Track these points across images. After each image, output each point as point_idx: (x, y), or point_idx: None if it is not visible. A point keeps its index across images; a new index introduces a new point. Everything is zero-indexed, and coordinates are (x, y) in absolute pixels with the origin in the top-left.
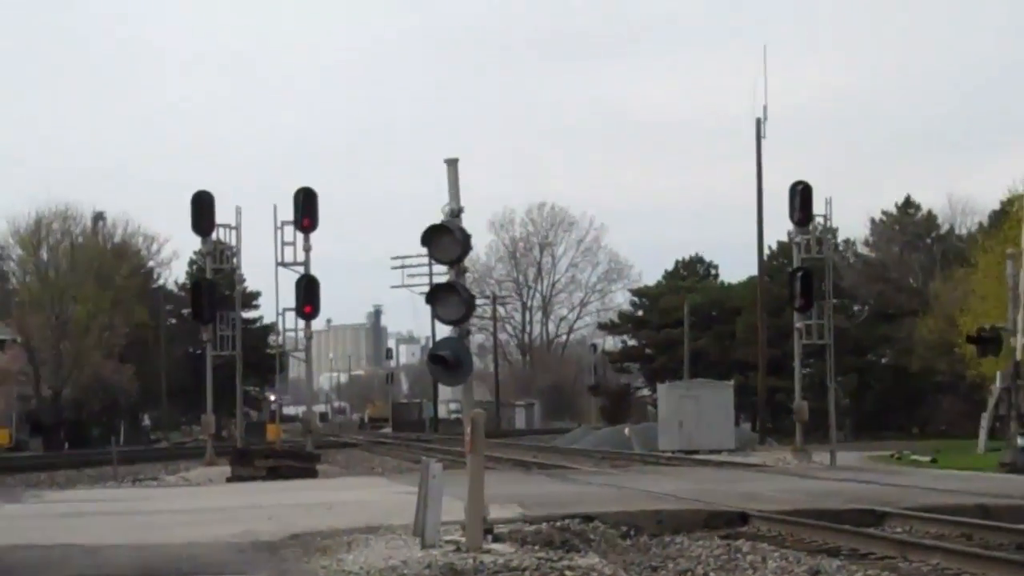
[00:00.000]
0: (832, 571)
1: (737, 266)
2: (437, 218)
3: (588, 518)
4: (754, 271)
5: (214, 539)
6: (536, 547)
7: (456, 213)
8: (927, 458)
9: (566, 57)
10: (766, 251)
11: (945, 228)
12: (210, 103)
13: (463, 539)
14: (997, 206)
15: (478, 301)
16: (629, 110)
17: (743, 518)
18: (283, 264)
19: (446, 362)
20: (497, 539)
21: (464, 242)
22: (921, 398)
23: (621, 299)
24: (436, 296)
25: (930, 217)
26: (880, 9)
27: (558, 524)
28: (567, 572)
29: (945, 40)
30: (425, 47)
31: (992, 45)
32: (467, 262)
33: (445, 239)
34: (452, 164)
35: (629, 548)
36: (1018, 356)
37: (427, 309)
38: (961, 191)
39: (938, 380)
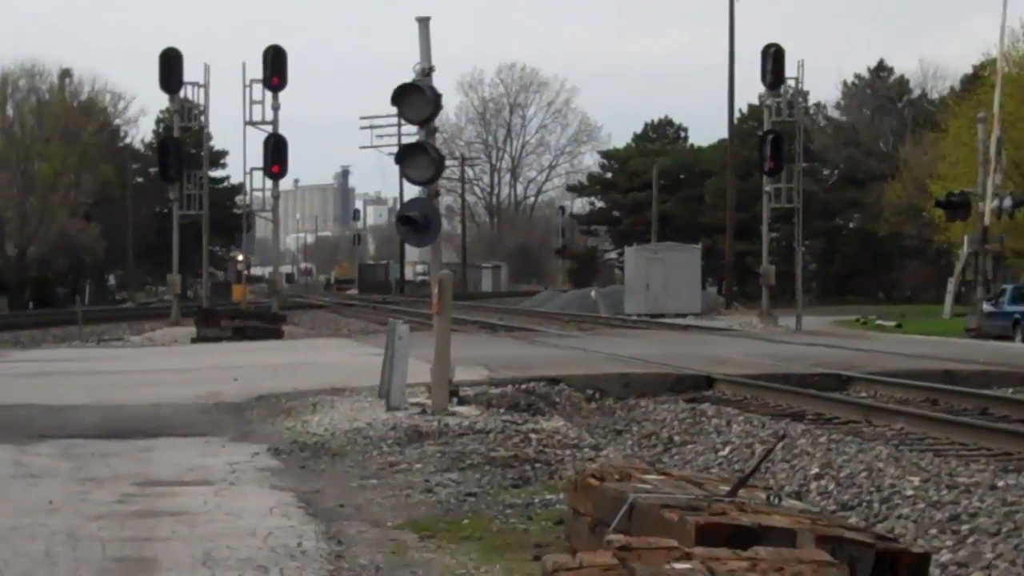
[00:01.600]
0: (797, 435)
1: (707, 129)
2: (407, 78)
3: (554, 381)
4: (724, 134)
5: (179, 400)
6: (501, 410)
7: (427, 72)
8: (893, 323)
9: None
10: (736, 114)
11: (917, 92)
12: None
13: (428, 401)
14: (969, 70)
15: (446, 162)
16: None
17: (708, 382)
18: (251, 123)
19: (415, 223)
20: (463, 401)
21: (435, 102)
22: (888, 263)
23: (590, 161)
24: (406, 156)
25: (902, 81)
26: None
27: (523, 387)
28: (532, 435)
29: None
30: None
31: None
32: (436, 123)
33: (416, 98)
34: (424, 22)
35: (594, 411)
36: (987, 221)
37: (395, 170)
38: (933, 55)
39: (905, 245)
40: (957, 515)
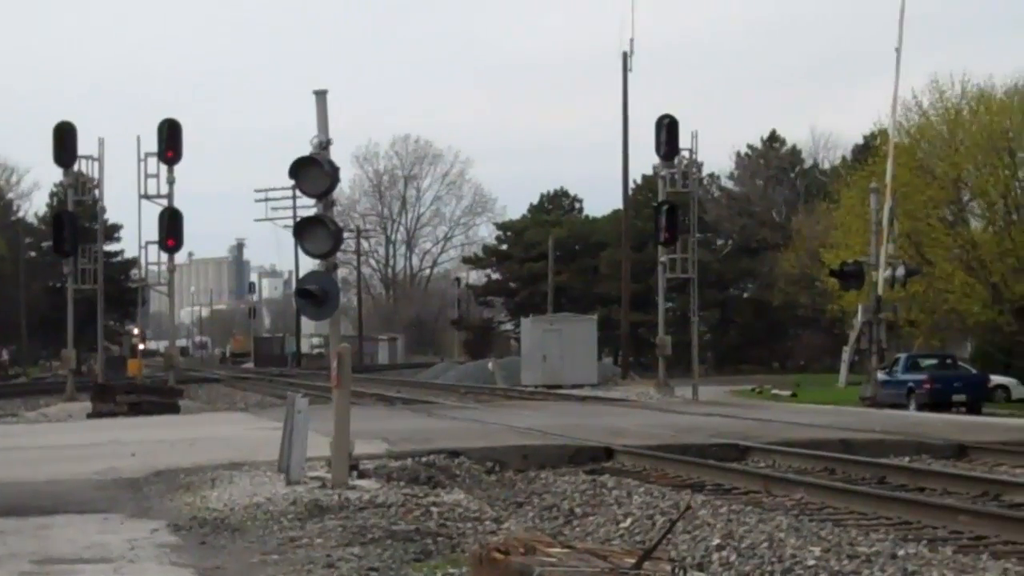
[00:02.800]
0: (697, 506)
1: (602, 200)
2: (303, 149)
3: (454, 453)
4: (619, 205)
5: (76, 476)
6: (402, 483)
7: (325, 145)
8: (788, 392)
9: None
10: (631, 185)
11: (809, 163)
12: (73, 32)
13: (328, 475)
14: (860, 140)
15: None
16: (496, 43)
17: (608, 453)
18: (146, 196)
19: (313, 296)
20: (363, 475)
21: (332, 175)
22: (782, 332)
23: (485, 232)
24: (303, 229)
25: (794, 151)
26: None
27: (423, 460)
28: (433, 508)
29: None
30: None
31: None
32: (332, 195)
33: (313, 171)
34: (321, 96)
35: (495, 484)
36: (880, 290)
37: (291, 242)
38: (824, 125)
39: (799, 314)
40: None
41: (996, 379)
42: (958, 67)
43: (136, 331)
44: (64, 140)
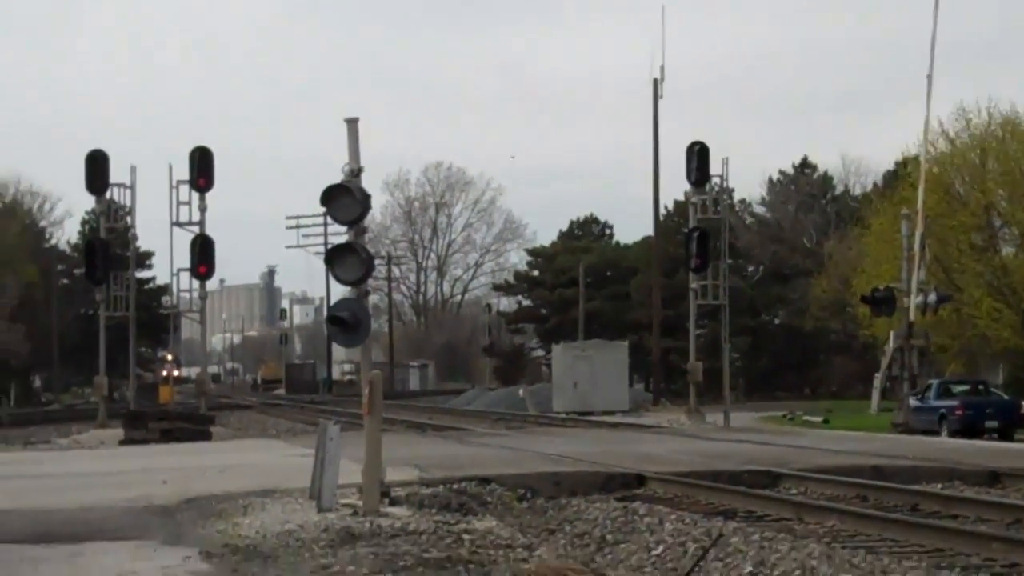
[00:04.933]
0: (729, 533)
1: (632, 227)
2: (334, 177)
3: (485, 480)
4: (649, 232)
5: (109, 503)
6: (433, 510)
7: (356, 173)
8: (820, 419)
9: (462, 14)
10: (662, 211)
11: (840, 189)
12: (106, 59)
13: (360, 502)
14: (890, 166)
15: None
16: (527, 69)
17: (639, 480)
18: (178, 224)
19: (345, 323)
20: (394, 502)
21: (364, 202)
22: (814, 358)
23: (516, 259)
24: (335, 257)
25: (826, 178)
26: None
27: (455, 487)
28: (464, 535)
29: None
30: (320, 7)
31: (890, 10)
32: (363, 222)
33: (345, 199)
34: (352, 124)
35: (526, 511)
36: (911, 316)
37: (322, 269)
38: (855, 152)
39: (831, 340)
40: None
41: None
42: (985, 93)
43: (170, 358)
44: (96, 168)
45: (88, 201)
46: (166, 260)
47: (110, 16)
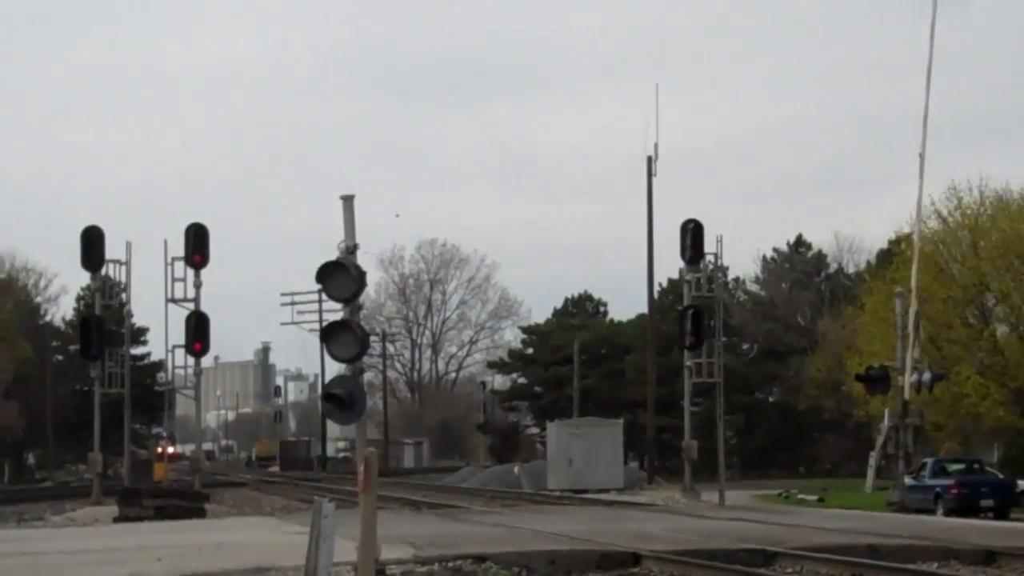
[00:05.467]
0: None
1: (627, 304)
2: (329, 253)
3: (480, 558)
4: (643, 309)
5: None
6: None
7: (352, 250)
8: (814, 497)
9: (454, 91)
10: (656, 288)
11: (834, 267)
12: (101, 137)
13: None
14: (883, 245)
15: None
16: (520, 146)
17: (635, 558)
18: (173, 300)
19: (340, 400)
20: None
21: (359, 279)
22: (808, 436)
23: (511, 336)
24: (331, 334)
25: (820, 256)
26: (774, 52)
27: (450, 565)
28: None
29: (833, 80)
30: (312, 83)
31: (880, 86)
32: (359, 299)
33: (340, 276)
34: (348, 201)
35: None
36: (906, 395)
37: (316, 346)
38: (849, 229)
39: (825, 418)
40: None
41: None
42: (977, 169)
43: (165, 434)
44: (92, 244)
45: (83, 277)
46: (161, 336)
47: (105, 93)
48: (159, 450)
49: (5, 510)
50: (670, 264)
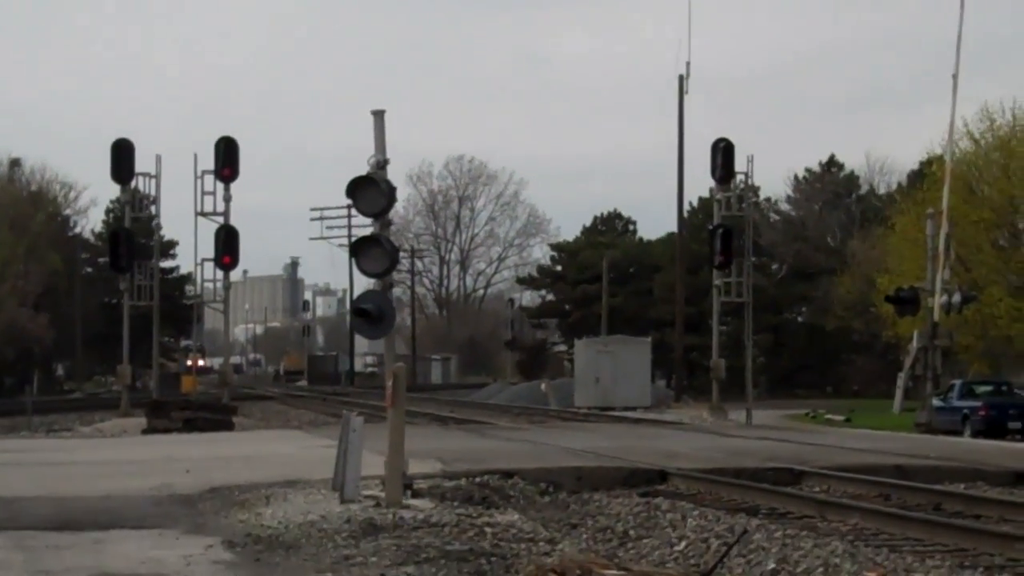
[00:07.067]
0: (752, 530)
1: (656, 223)
2: (359, 169)
3: (507, 474)
4: (673, 228)
5: (131, 492)
6: (455, 503)
7: (382, 165)
8: (842, 417)
9: (486, 6)
10: (686, 208)
11: (865, 188)
12: (130, 49)
13: (383, 494)
14: (915, 166)
15: None
16: (551, 64)
17: (662, 476)
18: (202, 214)
19: (369, 315)
20: (416, 494)
21: (389, 195)
22: (836, 357)
23: (539, 254)
24: (360, 249)
25: (851, 176)
26: None
27: (477, 480)
28: (487, 528)
29: (867, 1)
30: None
31: (916, 9)
32: (388, 215)
33: (371, 191)
34: (379, 116)
35: (548, 505)
36: (936, 316)
37: (345, 261)
38: (880, 151)
39: (853, 340)
40: None
41: None
42: (1011, 92)
43: (195, 347)
44: (121, 157)
45: (113, 190)
46: (190, 250)
47: (139, 6)
48: (188, 363)
49: (34, 420)
50: (700, 184)
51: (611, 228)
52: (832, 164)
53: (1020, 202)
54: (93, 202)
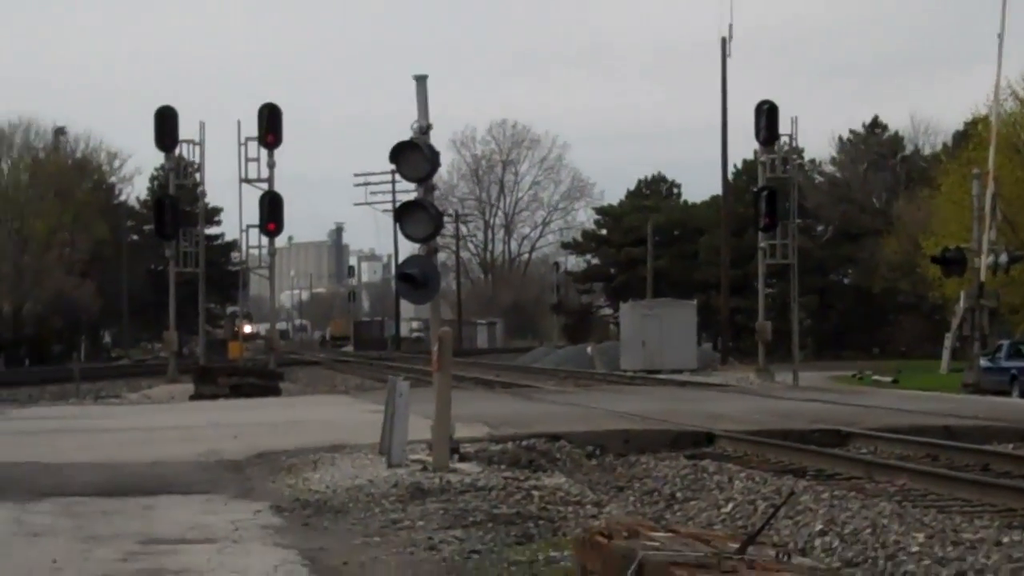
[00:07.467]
0: (799, 491)
1: (700, 186)
2: (402, 134)
3: (554, 437)
4: (717, 191)
5: (179, 457)
6: (502, 466)
7: (425, 130)
8: (889, 379)
9: None
10: (730, 170)
11: (910, 149)
12: (175, 17)
13: (430, 458)
14: (959, 127)
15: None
16: (594, 27)
17: (709, 438)
18: (246, 180)
19: (414, 280)
20: (464, 458)
21: (433, 159)
22: (882, 318)
23: (583, 218)
24: (404, 214)
25: (896, 137)
26: None
27: (524, 443)
28: (534, 492)
29: None
30: None
31: None
32: (432, 179)
33: (414, 156)
34: (421, 81)
35: (595, 468)
36: (983, 277)
37: (390, 226)
38: (925, 112)
39: (900, 301)
40: (963, 572)
41: None
42: None
43: (242, 313)
44: (165, 124)
45: (157, 158)
46: (234, 216)
47: None
48: (236, 329)
49: (82, 387)
50: (745, 146)
51: (655, 191)
52: (876, 125)
53: None
54: (138, 170)
